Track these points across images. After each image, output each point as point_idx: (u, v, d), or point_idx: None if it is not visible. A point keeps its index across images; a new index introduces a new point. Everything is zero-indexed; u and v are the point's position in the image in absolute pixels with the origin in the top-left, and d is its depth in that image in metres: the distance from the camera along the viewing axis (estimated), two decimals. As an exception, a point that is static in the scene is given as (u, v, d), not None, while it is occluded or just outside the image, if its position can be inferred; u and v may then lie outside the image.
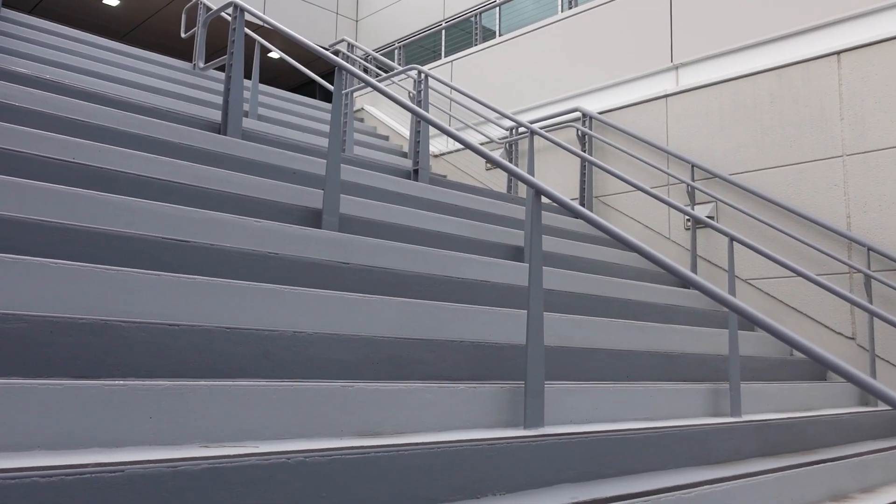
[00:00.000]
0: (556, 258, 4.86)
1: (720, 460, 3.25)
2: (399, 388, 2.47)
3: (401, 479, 2.09)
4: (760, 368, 4.56)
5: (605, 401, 3.17)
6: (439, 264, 3.78)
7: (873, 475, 3.70)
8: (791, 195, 5.54)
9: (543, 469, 2.50)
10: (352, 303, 2.91)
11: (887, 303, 5.00)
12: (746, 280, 5.69)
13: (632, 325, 4.08)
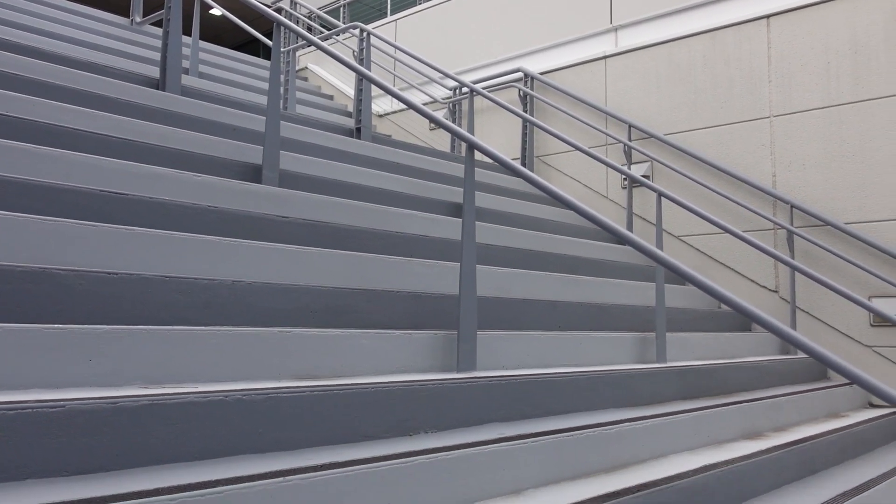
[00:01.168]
0: (497, 215, 4.99)
1: (644, 402, 3.45)
2: (336, 334, 2.57)
3: (335, 417, 2.21)
4: (688, 320, 4.78)
5: (536, 348, 3.33)
6: (380, 219, 3.87)
7: (786, 415, 3.96)
8: (722, 154, 5.76)
9: (474, 409, 2.64)
10: (291, 254, 2.98)
11: (808, 257, 5.27)
12: (678, 237, 5.92)
13: (567, 279, 4.24)
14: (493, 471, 2.31)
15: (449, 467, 2.17)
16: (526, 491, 2.40)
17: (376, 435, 2.31)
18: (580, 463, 2.62)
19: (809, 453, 3.49)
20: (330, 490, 1.86)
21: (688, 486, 2.62)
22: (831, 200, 5.22)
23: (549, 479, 2.50)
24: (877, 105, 5.05)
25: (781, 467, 3.25)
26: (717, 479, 2.81)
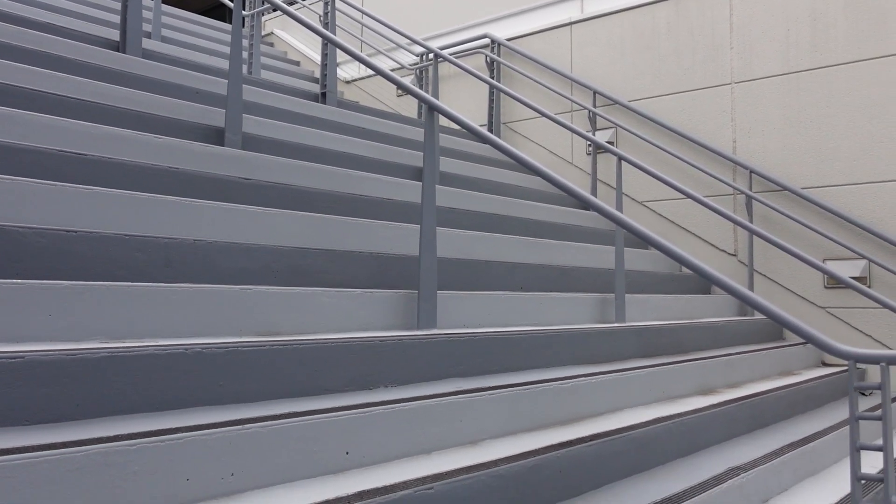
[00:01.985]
0: (462, 180, 5.03)
1: (602, 360, 3.54)
2: (297, 291, 2.61)
3: (295, 371, 2.26)
4: (650, 282, 4.89)
5: (497, 308, 3.39)
6: (343, 183, 3.89)
7: (740, 373, 4.09)
8: (684, 121, 5.84)
9: (433, 365, 2.70)
10: (253, 215, 3.00)
11: (766, 221, 5.40)
12: (642, 202, 6.01)
13: (529, 242, 4.31)
14: (451, 422, 2.38)
15: (407, 417, 2.24)
16: (483, 441, 2.47)
17: (336, 388, 2.37)
18: (536, 415, 2.71)
19: (760, 408, 3.62)
20: (289, 437, 1.92)
21: (639, 436, 2.72)
22: (789, 166, 5.33)
23: (506, 431, 2.58)
24: (834, 72, 5.15)
25: (732, 421, 3.38)
26: (669, 431, 2.91)
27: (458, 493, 1.98)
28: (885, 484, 1.93)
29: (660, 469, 2.80)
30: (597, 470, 2.50)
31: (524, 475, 2.20)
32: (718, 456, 3.02)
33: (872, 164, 4.99)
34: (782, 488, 3.04)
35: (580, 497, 2.40)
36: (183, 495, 1.70)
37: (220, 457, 1.77)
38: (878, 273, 4.92)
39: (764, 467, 2.90)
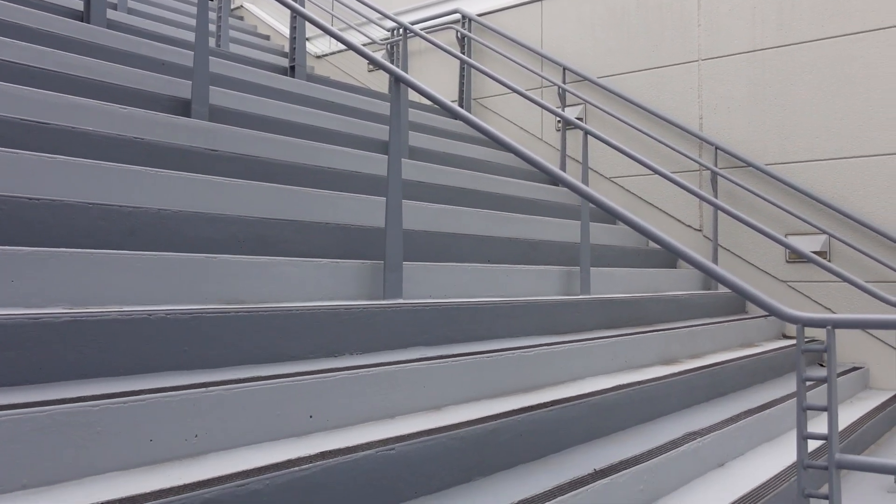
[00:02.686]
0: (431, 154, 5.05)
1: (566, 331, 3.61)
2: (263, 261, 2.63)
3: (261, 338, 2.28)
4: (616, 256, 4.97)
5: (463, 279, 3.44)
6: (311, 155, 3.89)
7: (702, 344, 4.19)
8: (652, 98, 5.90)
9: (399, 333, 2.75)
10: (219, 185, 3.01)
11: (730, 197, 5.49)
12: (610, 178, 6.08)
13: (497, 216, 4.35)
14: (415, 388, 2.42)
15: (371, 383, 2.28)
16: (446, 407, 2.52)
17: (301, 356, 2.40)
18: (499, 382, 2.77)
19: (720, 376, 3.72)
20: (253, 401, 1.95)
21: (599, 402, 2.79)
22: (754, 142, 5.42)
23: (469, 397, 2.64)
24: (798, 50, 5.23)
25: (692, 389, 3.47)
26: (629, 398, 2.99)
27: (418, 454, 2.03)
28: (828, 441, 2.02)
29: (619, 434, 2.88)
30: (557, 434, 2.56)
31: (484, 438, 2.25)
32: (678, 422, 3.11)
33: (834, 140, 5.09)
34: (738, 452, 3.13)
35: (541, 459, 2.47)
36: (147, 455, 1.73)
37: (183, 418, 1.80)
38: (838, 247, 5.04)
39: (720, 432, 2.99)
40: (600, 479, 2.27)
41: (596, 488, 2.23)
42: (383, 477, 1.93)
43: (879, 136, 4.92)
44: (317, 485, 1.76)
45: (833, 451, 2.00)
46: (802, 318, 2.06)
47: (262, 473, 1.67)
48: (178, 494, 1.52)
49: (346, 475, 1.83)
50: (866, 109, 4.97)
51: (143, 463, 1.72)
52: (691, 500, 2.54)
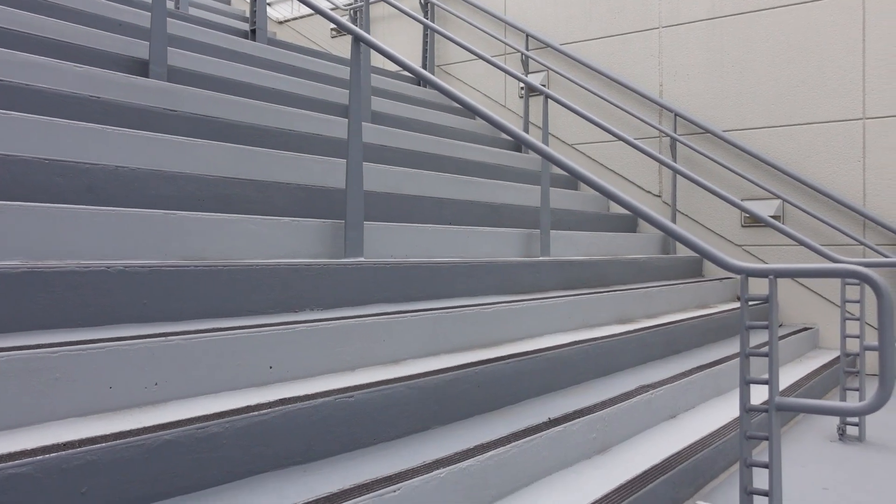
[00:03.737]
0: (394, 119, 5.05)
1: (525, 291, 3.68)
2: (223, 218, 2.64)
3: (220, 292, 2.31)
4: (577, 220, 5.04)
5: (424, 240, 3.48)
6: (273, 118, 3.88)
7: (658, 305, 4.30)
8: (614, 64, 5.96)
9: (359, 290, 2.78)
10: (178, 145, 3.00)
11: (689, 163, 5.59)
12: (572, 145, 6.15)
13: (459, 179, 4.39)
14: (373, 341, 2.47)
15: (330, 335, 2.32)
16: (406, 360, 2.58)
17: (261, 310, 2.43)
18: (458, 338, 2.83)
19: (674, 334, 3.83)
20: (213, 350, 1.98)
21: (555, 356, 2.87)
22: (712, 109, 5.52)
23: (428, 351, 2.69)
24: (756, 17, 5.32)
25: (647, 346, 3.57)
26: (585, 353, 3.07)
27: (376, 402, 2.08)
28: (769, 385, 2.11)
29: (575, 387, 2.96)
30: (514, 386, 2.64)
31: (442, 388, 2.31)
32: (632, 377, 3.20)
33: (789, 107, 5.20)
34: (689, 406, 3.25)
35: (498, 410, 2.54)
36: (106, 403, 1.75)
37: (142, 367, 1.82)
38: (791, 212, 5.18)
39: (672, 386, 3.10)
40: (554, 426, 2.35)
41: (550, 435, 2.31)
42: (342, 423, 1.98)
43: (832, 102, 5.04)
44: (276, 429, 1.81)
45: (773, 394, 2.10)
46: (746, 268, 2.14)
47: (222, 417, 1.71)
48: (138, 436, 1.55)
49: (305, 420, 1.88)
50: (819, 77, 5.08)
51: (103, 410, 1.75)
52: (643, 448, 2.64)
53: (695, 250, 2.31)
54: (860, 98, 4.95)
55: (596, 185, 2.71)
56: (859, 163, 4.96)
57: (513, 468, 2.14)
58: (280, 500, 1.62)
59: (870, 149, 4.92)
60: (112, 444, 1.50)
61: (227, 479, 1.71)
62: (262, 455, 1.79)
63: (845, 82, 4.99)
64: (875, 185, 4.91)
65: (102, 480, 1.48)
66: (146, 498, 1.56)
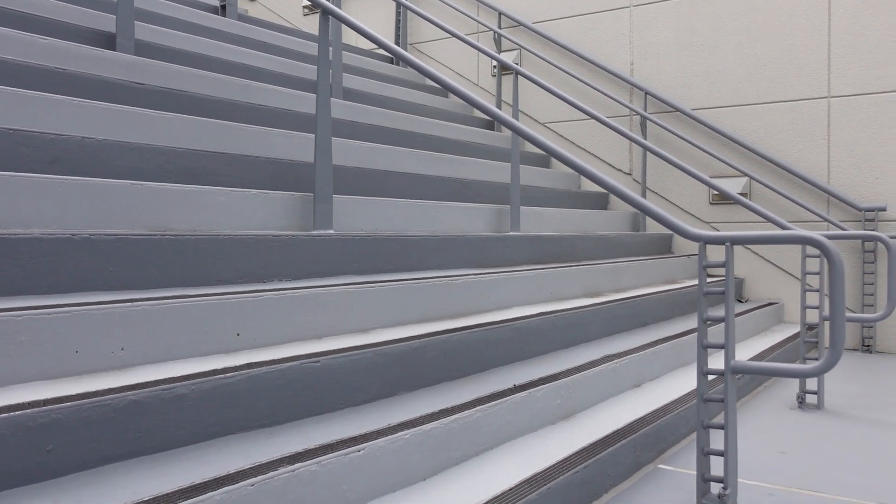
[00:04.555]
0: (366, 96, 5.05)
1: (495, 265, 3.72)
2: (191, 189, 2.65)
3: (188, 262, 2.32)
4: (548, 197, 5.09)
5: (395, 214, 3.51)
6: (243, 93, 3.87)
7: (627, 279, 4.37)
8: (585, 43, 5.99)
9: (328, 262, 2.81)
10: (146, 117, 2.99)
11: (658, 141, 5.66)
12: (544, 123, 6.19)
13: (430, 156, 4.41)
14: (342, 310, 2.50)
15: (297, 304, 2.35)
16: (374, 329, 2.61)
17: (229, 280, 2.45)
18: (426, 308, 2.86)
19: (641, 307, 3.90)
20: (180, 316, 2.00)
21: (523, 326, 2.92)
22: (682, 88, 5.58)
23: (396, 321, 2.73)
24: (725, -3, 5.38)
25: (614, 318, 3.63)
26: (552, 324, 3.13)
27: (342, 368, 2.12)
28: (725, 349, 2.17)
29: (542, 357, 3.02)
30: (481, 354, 2.68)
31: (409, 355, 2.35)
32: (599, 347, 3.27)
33: (757, 86, 5.27)
34: (654, 375, 3.32)
35: (464, 378, 2.59)
36: (73, 367, 1.77)
37: (109, 331, 1.84)
38: (758, 189, 5.27)
39: (637, 355, 3.16)
40: (519, 392, 2.40)
41: (514, 400, 2.36)
42: (308, 387, 2.01)
43: (798, 81, 5.12)
44: (242, 392, 1.84)
45: (729, 358, 2.16)
46: (704, 235, 2.20)
47: (188, 380, 1.73)
48: (103, 396, 1.57)
49: (271, 384, 1.91)
50: (786, 56, 5.16)
51: (69, 373, 1.76)
52: (607, 414, 2.70)
53: (655, 219, 2.36)
54: (825, 77, 5.03)
55: (565, 158, 2.75)
56: (824, 140, 5.05)
57: (477, 431, 2.19)
58: (246, 459, 1.65)
59: (834, 127, 5.02)
60: (77, 404, 1.52)
61: (194, 441, 1.74)
62: (229, 417, 1.81)
63: (811, 61, 5.07)
64: (839, 162, 5.01)
65: (68, 439, 1.50)
66: (112, 457, 1.58)
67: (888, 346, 4.86)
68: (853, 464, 2.63)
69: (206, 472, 1.56)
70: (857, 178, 4.94)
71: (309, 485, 1.65)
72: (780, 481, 2.45)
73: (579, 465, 2.15)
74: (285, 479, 1.60)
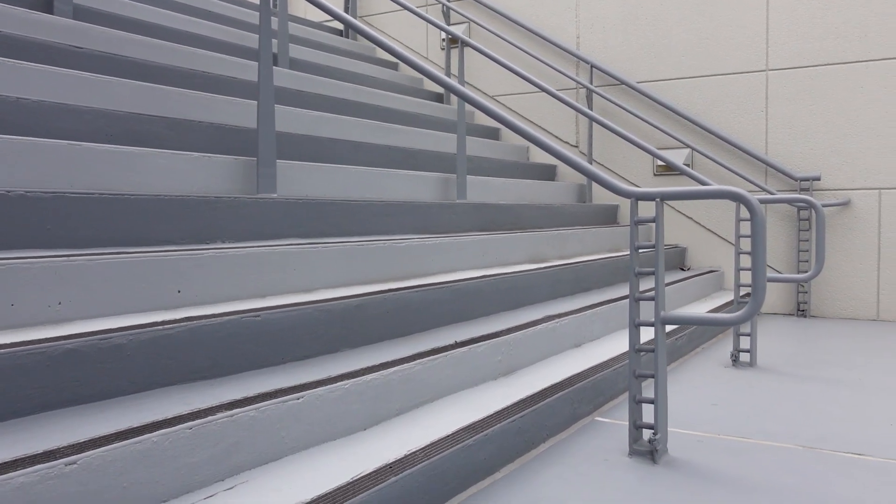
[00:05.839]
0: (315, 67, 5.03)
1: (441, 231, 3.77)
2: (130, 151, 2.63)
3: (126, 221, 2.32)
4: (495, 168, 5.15)
5: (341, 180, 3.53)
6: (187, 59, 3.83)
7: (571, 247, 4.46)
8: (533, 16, 6.05)
9: (272, 225, 2.82)
10: (86, 81, 2.95)
11: (605, 114, 5.76)
12: (493, 96, 6.24)
13: (378, 125, 4.43)
14: (285, 270, 2.53)
15: (241, 263, 2.37)
16: (318, 290, 2.65)
17: (170, 240, 2.45)
18: (371, 270, 2.90)
19: (584, 273, 4.00)
20: (119, 272, 2.01)
21: (465, 287, 2.98)
22: (627, 61, 5.67)
23: (340, 282, 2.77)
24: (668, -29, 5.47)
25: (558, 282, 3.72)
26: (495, 287, 3.20)
27: (283, 322, 2.15)
28: (655, 301, 2.26)
29: (485, 318, 3.09)
30: (424, 314, 2.74)
31: (351, 312, 2.39)
32: (541, 310, 3.35)
33: (699, 59, 5.40)
34: (594, 336, 3.42)
35: (407, 336, 2.64)
36: (8, 319, 1.77)
37: (45, 286, 1.84)
38: (699, 160, 5.41)
39: (577, 316, 3.26)
40: (459, 348, 2.46)
41: (455, 355, 2.42)
42: (249, 340, 2.04)
43: (738, 55, 5.25)
44: (181, 343, 1.86)
45: (658, 309, 2.25)
46: (636, 192, 2.28)
47: (126, 331, 1.75)
48: (39, 345, 1.58)
49: (211, 336, 1.94)
50: (728, 30, 5.28)
51: (4, 326, 1.76)
52: (547, 371, 2.79)
53: (590, 177, 2.43)
54: (763, 50, 5.17)
55: (513, 125, 2.80)
56: (762, 113, 5.21)
57: (417, 384, 2.24)
58: (185, 406, 1.68)
59: (772, 99, 5.17)
60: (11, 351, 1.53)
61: (133, 390, 1.76)
62: (168, 368, 1.84)
63: (750, 35, 5.21)
64: (776, 133, 5.16)
65: (2, 386, 1.51)
66: (50, 405, 1.60)
67: (822, 310, 5.06)
68: (778, 413, 2.76)
69: (144, 417, 1.59)
70: (794, 149, 5.11)
71: (247, 430, 1.69)
72: (709, 429, 2.57)
73: (516, 415, 2.23)
74: (223, 423, 1.63)
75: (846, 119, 4.94)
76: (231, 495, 1.56)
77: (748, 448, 2.37)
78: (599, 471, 2.16)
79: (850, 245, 4.95)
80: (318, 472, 1.71)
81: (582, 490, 2.01)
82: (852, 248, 4.94)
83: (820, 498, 1.97)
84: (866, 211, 4.90)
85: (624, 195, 2.29)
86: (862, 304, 4.94)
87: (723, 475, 2.14)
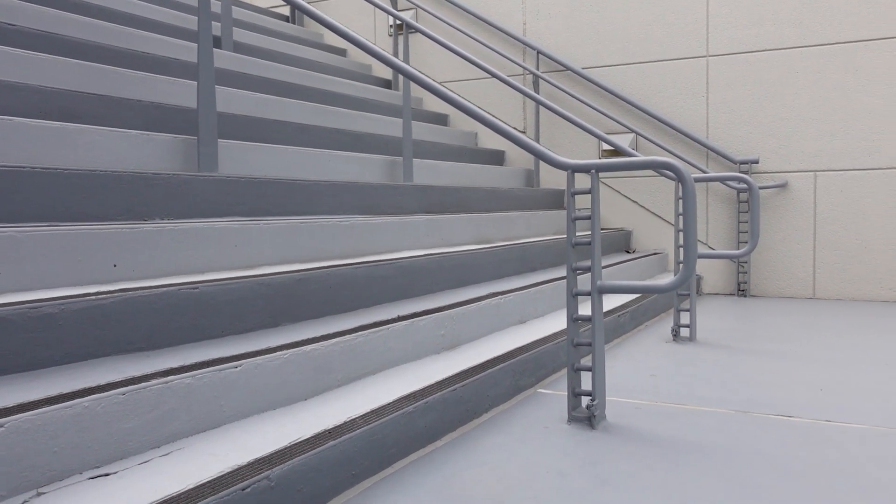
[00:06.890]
0: (260, 51, 4.98)
1: (387, 212, 3.78)
2: (67, 126, 2.58)
3: (60, 198, 2.28)
4: (443, 152, 5.17)
5: (285, 160, 3.51)
6: (127, 40, 3.77)
7: (517, 229, 4.51)
8: (479, 2, 6.08)
9: (213, 203, 2.80)
10: (20, 57, 2.88)
11: (550, 99, 5.82)
12: (442, 82, 6.26)
13: (324, 109, 4.41)
14: (225, 246, 2.51)
15: (179, 238, 2.35)
16: (259, 267, 2.64)
17: (107, 217, 2.42)
18: (314, 248, 2.90)
19: (530, 253, 4.05)
20: (50, 245, 1.97)
21: (408, 265, 3.00)
22: (573, 47, 5.75)
23: (283, 259, 2.76)
24: (612, -42, 5.56)
25: (503, 262, 3.76)
26: (440, 265, 3.22)
27: (223, 295, 2.14)
28: (592, 270, 2.32)
29: (431, 295, 3.11)
30: (366, 290, 2.75)
31: (292, 286, 2.39)
32: (486, 288, 3.39)
33: (643, 45, 5.49)
34: (538, 313, 3.47)
35: (350, 312, 2.65)
36: (-66, 291, 1.73)
37: (-27, 257, 1.81)
38: (643, 144, 5.51)
39: (522, 293, 3.30)
40: (402, 321, 2.48)
41: (397, 328, 2.44)
42: (186, 312, 2.03)
43: (679, 41, 5.36)
44: (115, 314, 1.84)
45: (595, 279, 2.30)
46: (571, 164, 2.32)
47: (56, 301, 1.73)
48: (-35, 313, 1.55)
49: (147, 307, 1.92)
50: (670, 16, 5.39)
51: (-70, 298, 1.73)
52: (491, 345, 2.82)
53: (527, 149, 2.47)
54: (704, 36, 5.29)
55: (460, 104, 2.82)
56: (703, 98, 5.33)
57: (359, 356, 2.26)
58: (118, 374, 1.67)
59: (712, 85, 5.29)
60: (-64, 319, 1.50)
61: (66, 361, 1.74)
62: (103, 339, 1.82)
63: (691, 21, 5.32)
64: (716, 118, 5.29)
65: (-73, 353, 1.49)
66: (-23, 374, 1.57)
67: (761, 290, 5.21)
68: (714, 381, 2.85)
69: (76, 385, 1.57)
70: (733, 133, 5.24)
71: (183, 397, 1.69)
72: (647, 398, 2.64)
73: (458, 384, 2.26)
74: (158, 390, 1.63)
75: (782, 103, 5.09)
76: (166, 461, 1.56)
77: (683, 413, 2.45)
78: (538, 437, 2.20)
79: (787, 226, 5.11)
80: (256, 438, 1.71)
81: (519, 454, 2.05)
82: (789, 229, 5.10)
83: (748, 454, 2.04)
84: (803, 193, 5.06)
85: (561, 167, 2.34)
86: (799, 283, 5.10)
87: (657, 437, 2.20)
